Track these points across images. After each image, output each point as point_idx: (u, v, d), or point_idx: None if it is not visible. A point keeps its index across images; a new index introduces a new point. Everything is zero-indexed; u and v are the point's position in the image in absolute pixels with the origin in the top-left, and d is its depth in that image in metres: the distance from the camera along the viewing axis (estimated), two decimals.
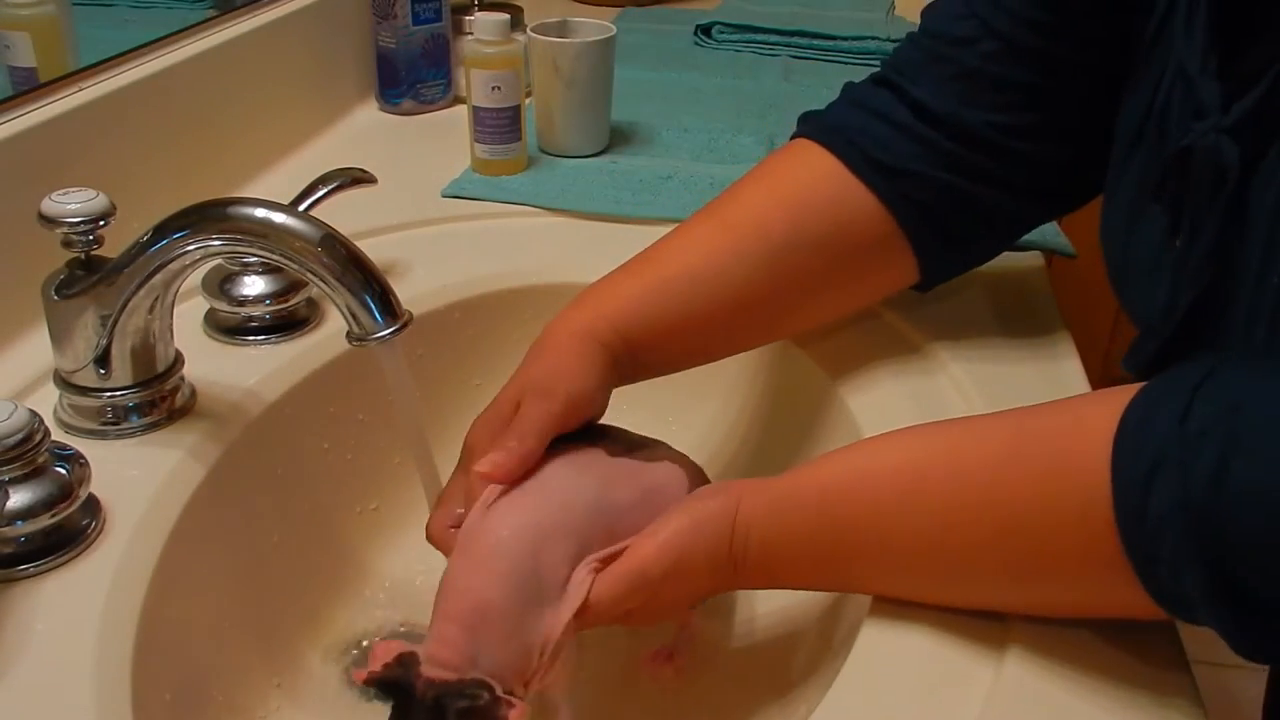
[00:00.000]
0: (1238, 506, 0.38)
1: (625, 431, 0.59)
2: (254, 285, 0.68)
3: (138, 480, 0.56)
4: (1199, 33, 0.50)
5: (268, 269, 0.69)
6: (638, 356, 0.61)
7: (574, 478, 0.53)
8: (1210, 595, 0.39)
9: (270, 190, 0.87)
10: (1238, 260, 0.47)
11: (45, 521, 0.50)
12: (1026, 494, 0.44)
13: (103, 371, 0.58)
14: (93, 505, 0.53)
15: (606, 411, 0.59)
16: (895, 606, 0.50)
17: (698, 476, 0.57)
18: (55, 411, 0.60)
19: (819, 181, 0.63)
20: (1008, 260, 0.80)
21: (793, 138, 0.67)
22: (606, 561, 0.50)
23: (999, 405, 0.63)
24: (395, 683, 0.47)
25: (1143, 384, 0.43)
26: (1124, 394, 0.43)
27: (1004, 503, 0.45)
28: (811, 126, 0.66)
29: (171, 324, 0.60)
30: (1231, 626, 0.40)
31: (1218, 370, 0.41)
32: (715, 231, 0.63)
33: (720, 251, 0.62)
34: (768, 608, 0.66)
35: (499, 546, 0.49)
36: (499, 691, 0.46)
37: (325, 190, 0.71)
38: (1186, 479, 0.39)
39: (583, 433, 0.56)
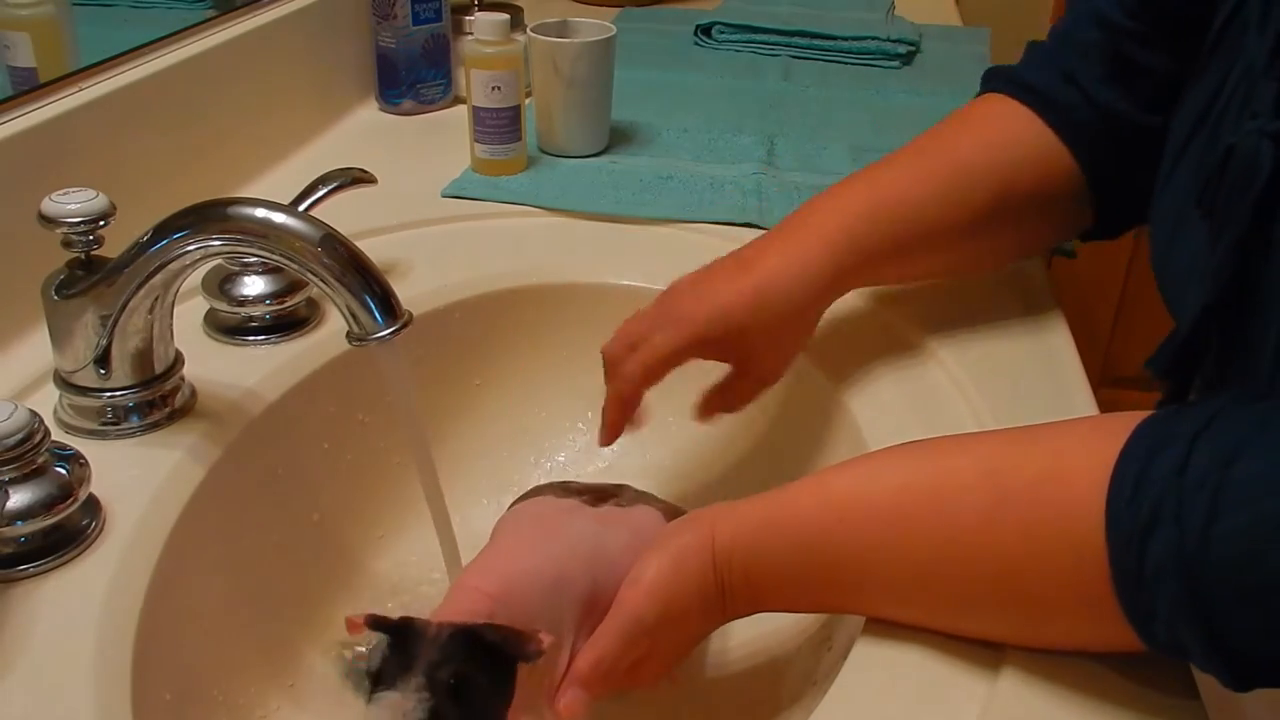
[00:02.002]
0: (1222, 561, 0.38)
1: (589, 483, 0.59)
2: (254, 285, 0.68)
3: (138, 480, 0.56)
4: (1271, 31, 0.49)
5: (268, 269, 0.69)
6: (841, 290, 0.66)
7: (570, 522, 0.53)
8: (1205, 646, 0.39)
9: (270, 190, 0.87)
10: (1265, 268, 0.46)
11: (45, 521, 0.50)
12: (1017, 548, 0.43)
13: (103, 371, 0.58)
14: (93, 505, 0.53)
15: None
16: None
17: (672, 511, 0.57)
18: (55, 411, 0.60)
19: (1020, 132, 0.67)
20: None
21: (982, 92, 0.71)
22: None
23: (999, 406, 0.63)
24: (399, 627, 0.44)
25: (1134, 423, 0.42)
26: (1112, 437, 0.42)
27: (994, 556, 0.44)
28: (1003, 83, 0.69)
29: (171, 324, 0.60)
30: (1226, 674, 0.40)
31: (1218, 417, 0.40)
32: (924, 172, 0.67)
33: (930, 193, 0.66)
34: (762, 614, 0.65)
35: (526, 555, 0.49)
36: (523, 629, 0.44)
37: (325, 190, 0.71)
38: (1181, 534, 0.38)
39: (553, 489, 0.56)
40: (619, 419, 0.63)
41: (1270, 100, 0.47)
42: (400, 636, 0.44)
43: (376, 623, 0.44)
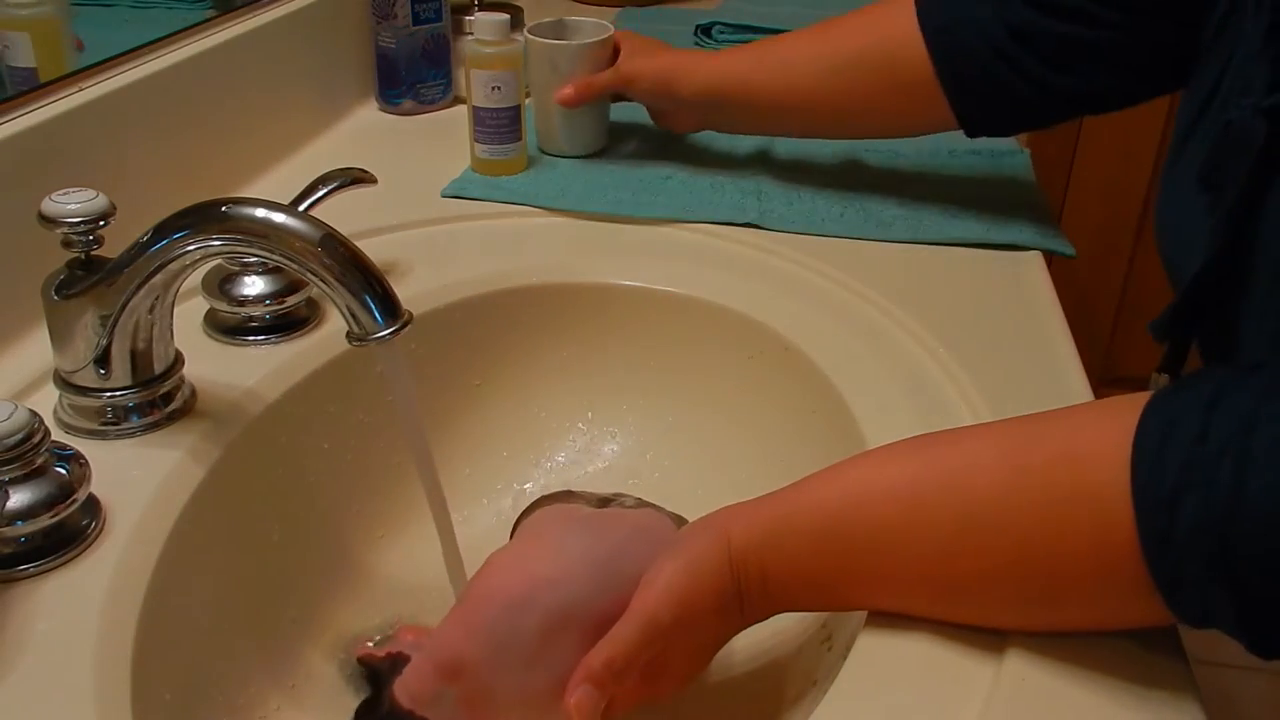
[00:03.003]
0: (1254, 525, 0.38)
1: (590, 491, 0.59)
2: (254, 285, 0.68)
3: (138, 480, 0.56)
4: (1266, 12, 0.51)
5: (268, 269, 0.69)
6: (718, 108, 0.88)
7: (564, 526, 0.53)
8: (1234, 611, 0.39)
9: (270, 190, 0.87)
10: (1255, 237, 0.47)
11: (45, 521, 0.50)
12: (1037, 523, 0.44)
13: (103, 371, 0.58)
14: (93, 505, 0.53)
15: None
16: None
17: (675, 518, 0.57)
18: (55, 411, 0.60)
19: (895, 33, 0.78)
20: (1008, 260, 0.80)
21: None
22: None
23: (1000, 406, 0.63)
24: (376, 676, 0.48)
25: (1143, 400, 0.43)
26: (1124, 414, 0.42)
27: (1013, 532, 0.44)
28: None
29: (171, 324, 0.60)
30: (1253, 640, 0.40)
31: (1225, 389, 0.41)
32: (807, 41, 0.84)
33: (802, 55, 0.83)
34: None
35: (485, 599, 0.49)
36: None
37: (325, 190, 0.71)
38: (1209, 500, 0.39)
39: (557, 497, 0.57)
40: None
41: (1264, 79, 0.49)
42: (373, 685, 0.48)
43: (361, 660, 0.49)
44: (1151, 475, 0.41)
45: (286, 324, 0.70)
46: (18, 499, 0.50)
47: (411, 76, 1.04)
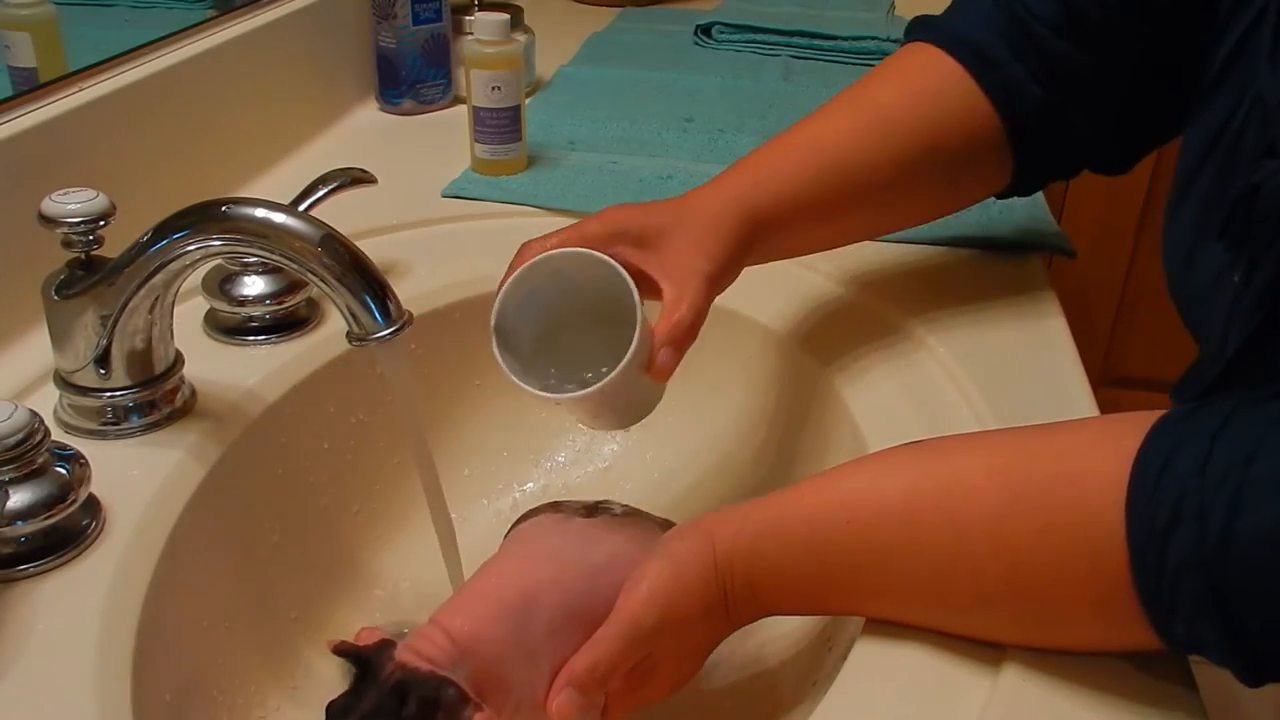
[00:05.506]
0: (1244, 560, 0.38)
1: (577, 500, 0.59)
2: (254, 285, 0.68)
3: (138, 480, 0.56)
4: None
5: (268, 269, 0.69)
6: (773, 236, 0.64)
7: (557, 537, 0.54)
8: (1224, 643, 0.39)
9: (270, 190, 0.87)
10: None
11: (45, 521, 0.50)
12: (1031, 549, 0.43)
13: (103, 371, 0.58)
14: (93, 505, 0.53)
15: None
16: None
17: (663, 523, 0.57)
18: (55, 411, 0.60)
19: (949, 90, 0.67)
20: (1008, 260, 0.80)
21: (911, 40, 0.70)
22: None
23: (1000, 407, 0.63)
24: (363, 658, 0.46)
25: (1149, 422, 0.42)
26: (1126, 437, 0.42)
27: (1007, 556, 0.44)
28: (938, 35, 0.68)
29: (171, 324, 0.60)
30: (1242, 670, 0.40)
31: (1236, 415, 0.40)
32: (856, 123, 0.67)
33: (859, 143, 0.66)
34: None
35: (495, 591, 0.49)
36: (469, 693, 0.45)
37: (325, 190, 0.71)
38: (1203, 531, 0.39)
39: (547, 509, 0.57)
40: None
41: None
42: (361, 668, 0.46)
43: (342, 651, 0.46)
44: (1147, 505, 0.40)
45: (286, 324, 0.70)
46: (18, 499, 0.50)
47: (411, 76, 1.04)
